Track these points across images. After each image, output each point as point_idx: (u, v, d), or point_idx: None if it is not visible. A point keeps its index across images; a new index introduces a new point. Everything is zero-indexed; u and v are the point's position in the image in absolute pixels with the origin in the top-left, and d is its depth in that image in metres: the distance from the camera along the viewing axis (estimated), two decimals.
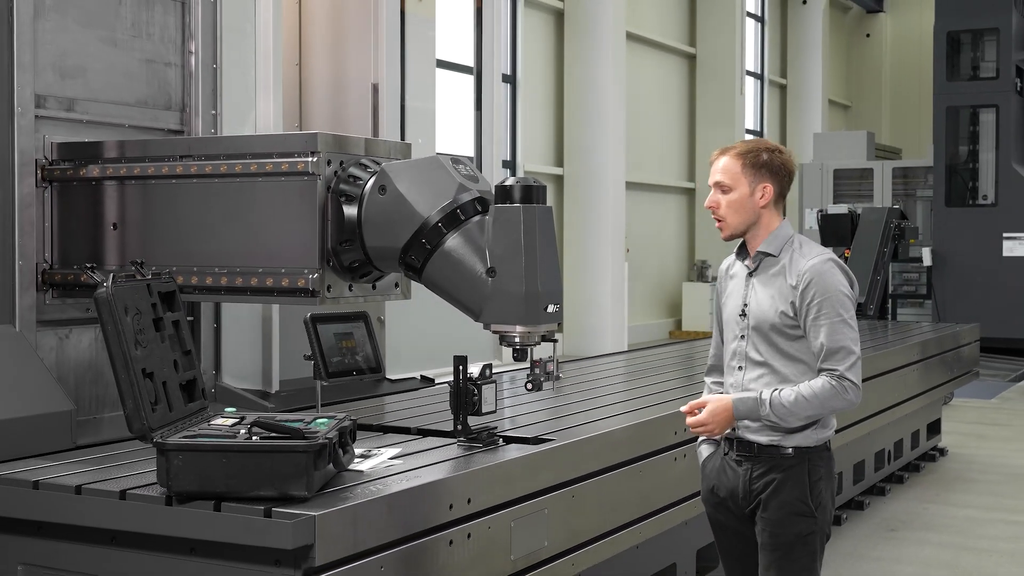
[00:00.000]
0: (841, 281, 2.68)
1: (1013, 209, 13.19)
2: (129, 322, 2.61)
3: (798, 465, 2.71)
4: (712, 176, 2.78)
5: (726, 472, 2.80)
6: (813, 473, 2.72)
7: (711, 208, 2.76)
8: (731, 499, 2.80)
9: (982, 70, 13.69)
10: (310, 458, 2.33)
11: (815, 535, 2.72)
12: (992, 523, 5.54)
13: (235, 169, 2.98)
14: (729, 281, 2.89)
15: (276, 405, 3.91)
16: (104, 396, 3.24)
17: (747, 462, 2.75)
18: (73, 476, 2.58)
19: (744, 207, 2.72)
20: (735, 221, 2.73)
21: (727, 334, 2.84)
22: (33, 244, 3.11)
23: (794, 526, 2.69)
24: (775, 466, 2.72)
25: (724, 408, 2.70)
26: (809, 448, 2.73)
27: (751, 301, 2.76)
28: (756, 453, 2.74)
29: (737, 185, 2.72)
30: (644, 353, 6.03)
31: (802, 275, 2.68)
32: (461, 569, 2.61)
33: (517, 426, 3.30)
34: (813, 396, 2.64)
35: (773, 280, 2.73)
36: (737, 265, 2.85)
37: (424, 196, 2.84)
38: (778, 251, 2.74)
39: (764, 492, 2.72)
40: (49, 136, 3.15)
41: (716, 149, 2.87)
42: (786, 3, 19.79)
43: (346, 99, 4.91)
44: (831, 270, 2.68)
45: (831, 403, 2.66)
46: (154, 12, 3.40)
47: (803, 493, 2.70)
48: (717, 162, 2.78)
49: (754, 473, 2.74)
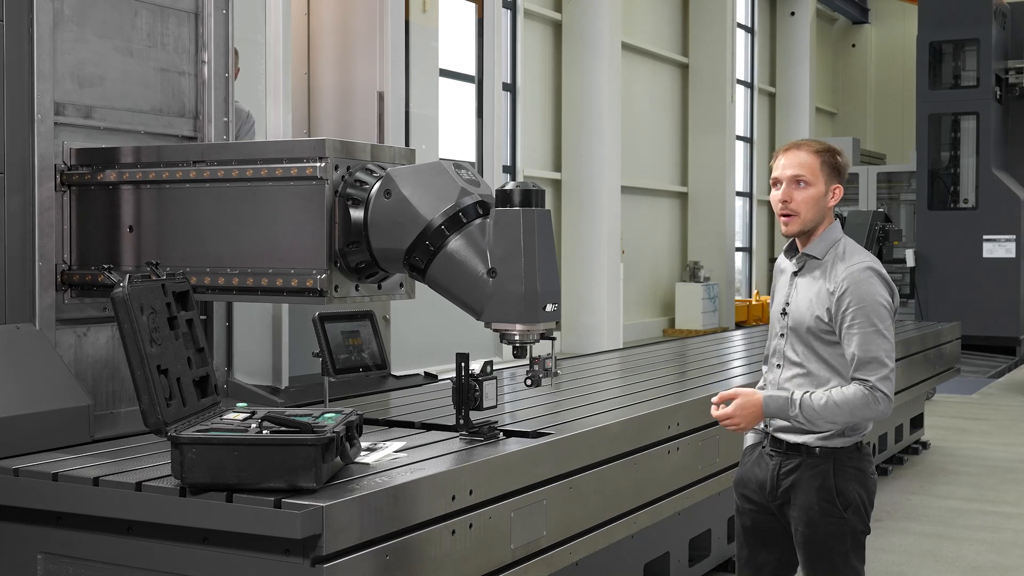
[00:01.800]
0: (879, 291, 2.61)
1: (993, 212, 13.34)
2: (144, 321, 2.61)
3: (824, 464, 2.68)
4: (785, 170, 2.66)
5: (760, 463, 2.80)
6: (840, 473, 2.67)
7: (784, 202, 2.65)
8: (759, 489, 2.80)
9: (963, 79, 13.82)
10: (318, 451, 2.35)
11: (846, 535, 2.68)
12: (972, 513, 5.61)
13: (246, 174, 2.98)
14: (779, 276, 2.84)
15: (285, 400, 3.92)
16: (120, 392, 3.24)
17: (777, 457, 2.75)
18: (91, 468, 2.61)
19: (819, 204, 2.65)
20: (808, 216, 2.65)
21: (769, 331, 2.84)
22: (52, 246, 3.11)
23: (824, 525, 2.67)
24: (802, 464, 2.69)
25: (753, 404, 2.65)
26: (836, 448, 2.68)
27: (792, 301, 2.73)
28: (785, 450, 2.73)
29: (816, 182, 2.64)
30: (639, 351, 6.07)
31: (840, 282, 2.62)
32: (463, 558, 2.64)
33: (517, 420, 3.33)
34: (844, 403, 2.58)
35: (814, 283, 2.68)
36: (786, 262, 2.81)
37: (428, 200, 2.85)
38: (823, 254, 2.69)
39: (791, 489, 2.71)
40: (68, 142, 3.14)
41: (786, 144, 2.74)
42: (775, 14, 19.89)
43: (353, 107, 4.92)
44: (869, 279, 2.61)
45: (861, 412, 2.59)
46: (168, 23, 3.40)
47: (829, 494, 2.67)
48: (790, 156, 2.67)
49: (782, 469, 2.72)
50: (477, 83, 10.67)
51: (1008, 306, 13.21)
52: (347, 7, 5.06)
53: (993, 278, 13.11)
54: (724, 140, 16.45)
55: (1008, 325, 13.22)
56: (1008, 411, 9.38)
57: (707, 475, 3.97)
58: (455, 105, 10.09)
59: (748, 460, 2.89)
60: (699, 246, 16.43)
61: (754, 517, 2.85)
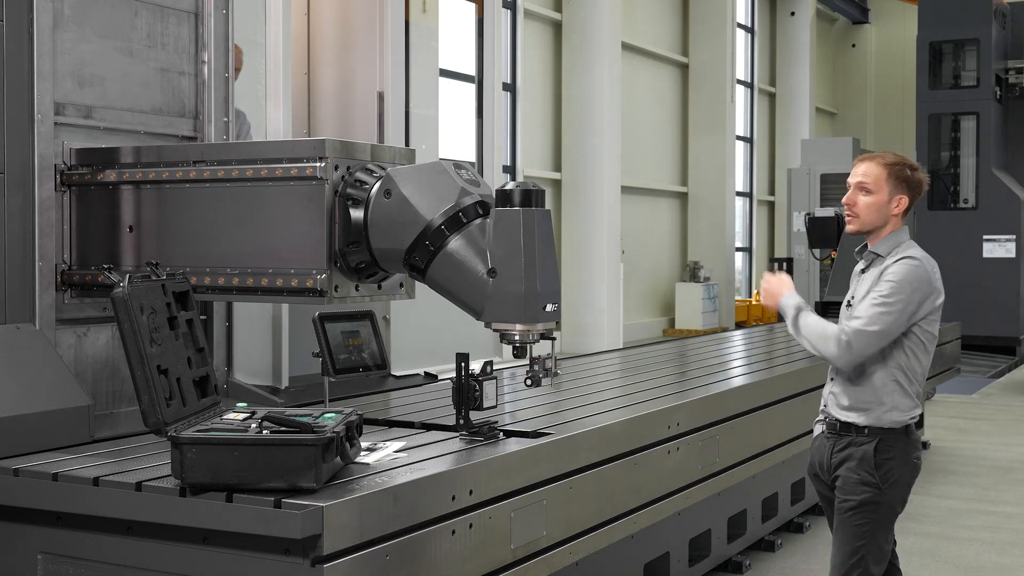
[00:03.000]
0: (911, 278, 2.88)
1: (993, 212, 13.36)
2: (144, 321, 2.61)
3: (869, 443, 2.95)
4: (854, 176, 2.99)
5: (820, 447, 3.10)
6: (883, 451, 2.94)
7: (847, 205, 2.99)
8: (821, 471, 3.09)
9: (963, 79, 13.84)
10: (318, 451, 2.35)
11: (880, 507, 2.94)
12: (972, 513, 5.61)
13: (246, 174, 2.99)
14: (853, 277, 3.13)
15: (285, 400, 3.92)
16: (120, 392, 3.25)
17: (832, 437, 3.04)
18: (91, 468, 2.61)
19: (879, 211, 2.95)
20: (867, 219, 2.97)
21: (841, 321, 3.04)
22: (52, 246, 3.11)
23: (857, 493, 2.94)
24: (851, 442, 2.98)
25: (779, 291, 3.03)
26: (882, 429, 2.95)
27: (856, 294, 3.01)
28: (838, 431, 3.01)
29: (878, 190, 2.95)
30: (639, 351, 6.10)
31: (889, 265, 2.92)
32: (463, 558, 2.64)
33: (517, 420, 3.33)
34: (819, 330, 2.93)
35: (872, 278, 2.96)
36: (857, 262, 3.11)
37: (428, 200, 2.85)
38: (887, 252, 2.97)
39: (840, 465, 2.99)
40: (68, 142, 3.15)
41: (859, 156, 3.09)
42: (775, 14, 19.91)
43: (353, 107, 4.92)
44: (912, 268, 2.90)
45: (822, 344, 2.92)
46: (168, 23, 3.40)
47: (869, 467, 2.94)
48: (862, 166, 2.99)
49: (835, 448, 3.01)
50: (477, 83, 10.68)
51: (1008, 306, 13.22)
52: (347, 7, 5.06)
53: (993, 278, 13.12)
54: (724, 140, 16.47)
55: (1008, 325, 13.23)
56: (1008, 411, 9.39)
57: (707, 475, 3.97)
58: (455, 105, 10.10)
59: (814, 446, 3.15)
60: (699, 246, 16.45)
61: (825, 497, 3.12)
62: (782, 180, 18.19)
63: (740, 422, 4.28)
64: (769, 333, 7.43)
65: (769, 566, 4.74)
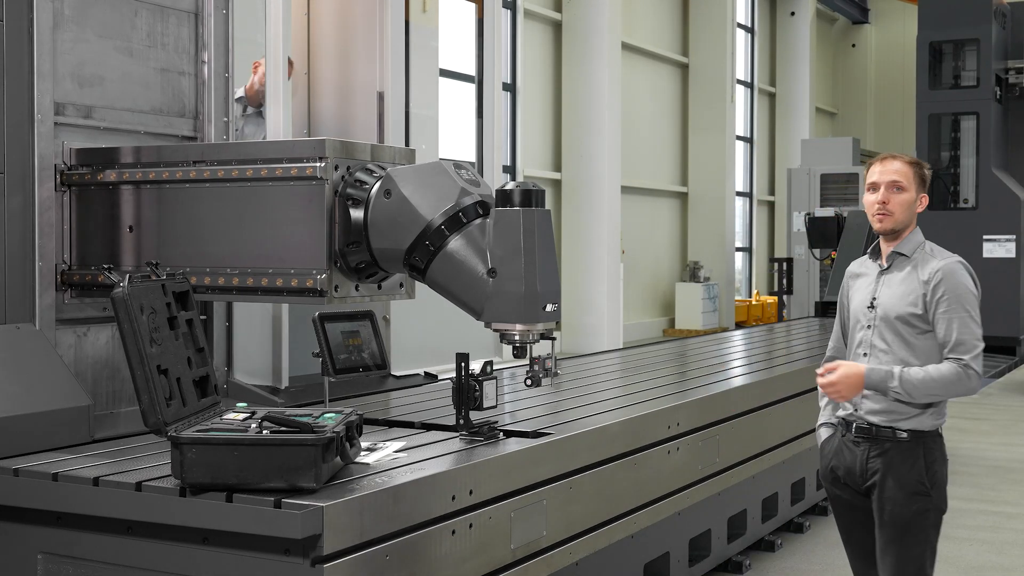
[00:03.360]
0: (968, 282, 2.91)
1: (993, 212, 13.37)
2: (144, 321, 2.62)
3: (913, 448, 2.91)
4: (885, 175, 2.97)
5: (843, 452, 3.00)
6: (928, 455, 2.92)
7: (882, 203, 2.96)
8: (848, 477, 2.99)
9: (963, 79, 13.84)
10: (318, 451, 2.36)
11: (931, 512, 2.93)
12: (972, 513, 5.60)
13: (246, 174, 2.99)
14: (855, 280, 3.10)
15: (285, 400, 3.91)
16: (120, 392, 3.25)
17: (864, 443, 2.95)
18: (91, 468, 2.62)
19: (910, 208, 2.97)
20: (901, 217, 2.96)
21: (853, 325, 3.04)
22: (52, 246, 3.12)
23: (912, 504, 2.89)
24: (891, 448, 2.91)
25: (856, 374, 2.87)
26: (924, 432, 2.92)
27: (881, 295, 2.97)
28: (874, 435, 2.93)
29: (910, 188, 2.97)
30: (639, 351, 6.09)
31: (934, 273, 2.90)
32: (463, 558, 2.65)
33: (517, 420, 3.33)
34: (941, 377, 2.85)
35: (905, 278, 2.95)
36: (867, 265, 3.08)
37: (428, 200, 2.86)
38: (911, 253, 2.98)
39: (880, 471, 2.91)
40: (68, 142, 3.15)
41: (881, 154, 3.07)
42: (775, 15, 19.92)
43: (353, 107, 4.92)
44: (960, 271, 2.91)
45: (954, 387, 2.87)
46: (168, 23, 3.41)
47: (919, 474, 2.90)
48: (888, 164, 2.99)
49: (871, 453, 2.93)
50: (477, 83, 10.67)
51: (1008, 306, 13.21)
52: (347, 7, 5.06)
53: (993, 278, 13.10)
54: (724, 140, 16.48)
55: (1008, 325, 13.23)
56: (1008, 411, 9.40)
57: (707, 475, 3.98)
58: (455, 105, 10.10)
59: (828, 451, 3.06)
60: (699, 246, 16.45)
61: (849, 503, 3.04)
62: (782, 180, 18.20)
63: (740, 422, 4.28)
64: (769, 333, 7.44)
65: (769, 566, 4.74)
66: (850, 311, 3.07)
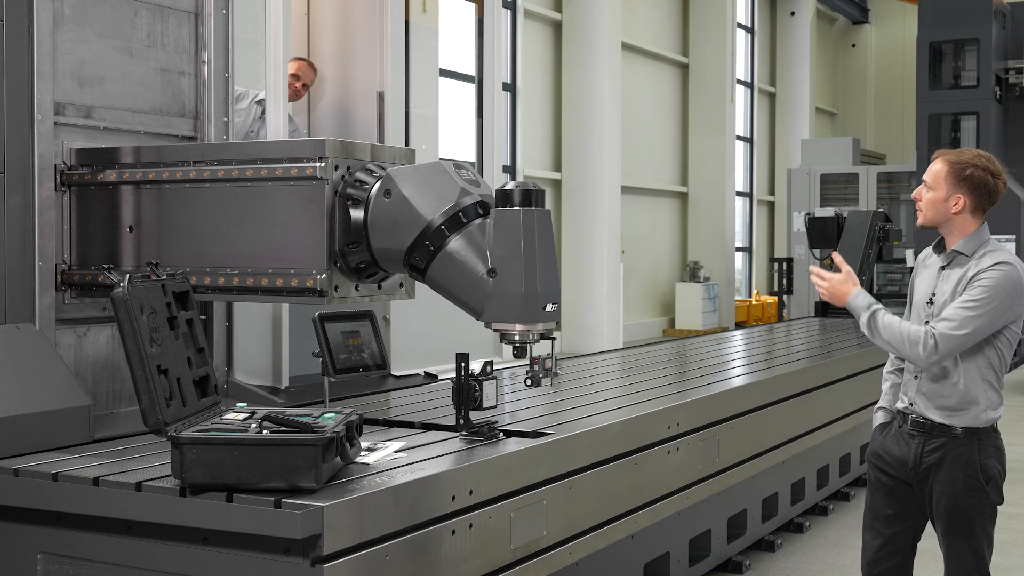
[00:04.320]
0: (1005, 284, 2.88)
1: (993, 212, 13.30)
2: (144, 321, 2.62)
3: (967, 444, 2.95)
4: (925, 174, 3.06)
5: (899, 442, 3.05)
6: (982, 452, 2.96)
7: (915, 199, 3.06)
8: (898, 466, 3.04)
9: (963, 79, 13.84)
10: (318, 451, 2.36)
11: (986, 506, 2.98)
12: None
13: (246, 174, 2.99)
14: (923, 270, 3.13)
15: (285, 400, 3.92)
16: (120, 392, 3.25)
17: (919, 436, 2.99)
18: (91, 468, 2.62)
19: (937, 207, 3.00)
20: (929, 215, 3.02)
21: (915, 314, 3.08)
22: (52, 246, 3.12)
23: (968, 499, 2.95)
24: (946, 443, 2.95)
25: (845, 286, 2.99)
26: (978, 429, 2.95)
27: (939, 292, 3.00)
28: (929, 430, 2.98)
29: (936, 188, 3.00)
30: (639, 351, 6.10)
31: (983, 270, 2.93)
32: (463, 558, 2.65)
33: (517, 420, 3.34)
34: (902, 333, 2.90)
35: (961, 276, 2.97)
36: (933, 257, 3.10)
37: (428, 200, 2.86)
38: (972, 252, 2.99)
39: (934, 466, 2.96)
40: (68, 142, 3.15)
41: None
42: (775, 14, 19.92)
43: (353, 107, 4.93)
44: (1003, 271, 2.91)
45: (908, 347, 2.90)
46: (168, 23, 3.41)
47: (974, 470, 2.94)
48: (933, 163, 3.06)
49: (926, 447, 2.98)
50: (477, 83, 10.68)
51: None
52: (347, 7, 5.06)
53: None
54: (724, 140, 16.48)
55: None
56: (1008, 411, 9.35)
57: (707, 475, 3.98)
58: (455, 105, 10.10)
59: (881, 437, 3.12)
60: (699, 246, 16.45)
61: (891, 489, 3.08)
62: (782, 180, 18.19)
63: (740, 422, 4.29)
64: (769, 333, 7.44)
65: (769, 566, 4.74)
66: (913, 300, 3.13)
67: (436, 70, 5.51)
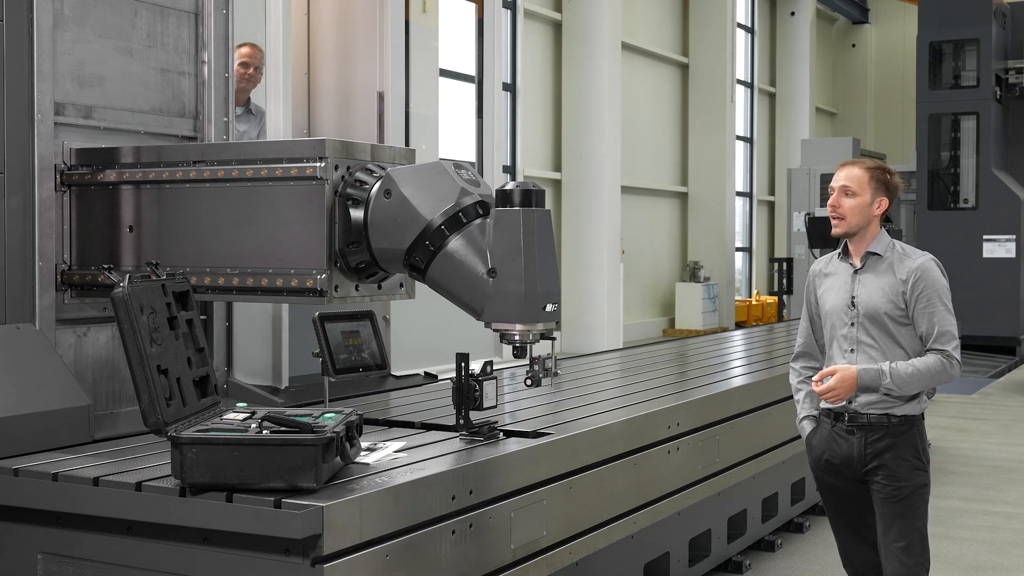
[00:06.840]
0: (941, 277, 3.10)
1: (993, 212, 13.39)
2: (145, 321, 2.62)
3: (909, 430, 3.10)
4: (837, 181, 3.15)
5: (837, 442, 3.15)
6: (921, 436, 3.13)
7: (833, 207, 3.14)
8: (844, 465, 3.14)
9: (963, 79, 13.86)
10: (318, 451, 2.36)
11: (926, 486, 3.14)
12: (972, 513, 5.60)
13: (246, 174, 2.98)
14: (825, 279, 3.25)
15: (285, 400, 3.91)
16: (120, 392, 3.25)
17: (859, 431, 3.11)
18: (91, 468, 2.62)
19: (863, 212, 3.11)
20: (853, 221, 3.11)
21: (833, 322, 3.18)
22: (52, 246, 3.11)
23: (913, 479, 3.09)
24: (888, 433, 3.08)
25: (851, 376, 3.04)
26: (914, 416, 3.11)
27: (860, 293, 3.12)
28: (869, 423, 3.10)
29: (861, 192, 3.11)
30: (639, 351, 6.10)
31: (911, 272, 3.08)
32: (463, 558, 2.65)
33: (517, 420, 3.34)
34: (927, 369, 3.04)
35: (882, 276, 3.11)
36: (835, 264, 3.23)
37: (428, 200, 2.85)
38: (884, 252, 3.13)
39: (880, 455, 3.08)
40: (68, 142, 3.15)
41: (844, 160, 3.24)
42: (775, 15, 19.93)
43: (353, 107, 4.93)
44: (934, 268, 3.11)
45: (939, 377, 3.06)
46: (168, 23, 3.41)
47: (916, 452, 3.10)
48: (845, 170, 3.16)
49: (868, 440, 3.09)
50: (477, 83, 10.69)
51: (1008, 306, 13.22)
52: (347, 7, 5.06)
53: (992, 278, 13.14)
54: (724, 140, 16.48)
55: (1008, 325, 13.24)
56: (1008, 411, 9.40)
57: (707, 475, 3.98)
58: (455, 105, 10.10)
59: (817, 443, 3.21)
60: (699, 246, 16.46)
61: (842, 489, 3.19)
62: (782, 180, 18.20)
63: (740, 422, 4.29)
64: (769, 333, 7.44)
65: (769, 566, 4.74)
66: (823, 310, 3.21)
67: (436, 70, 5.52)
